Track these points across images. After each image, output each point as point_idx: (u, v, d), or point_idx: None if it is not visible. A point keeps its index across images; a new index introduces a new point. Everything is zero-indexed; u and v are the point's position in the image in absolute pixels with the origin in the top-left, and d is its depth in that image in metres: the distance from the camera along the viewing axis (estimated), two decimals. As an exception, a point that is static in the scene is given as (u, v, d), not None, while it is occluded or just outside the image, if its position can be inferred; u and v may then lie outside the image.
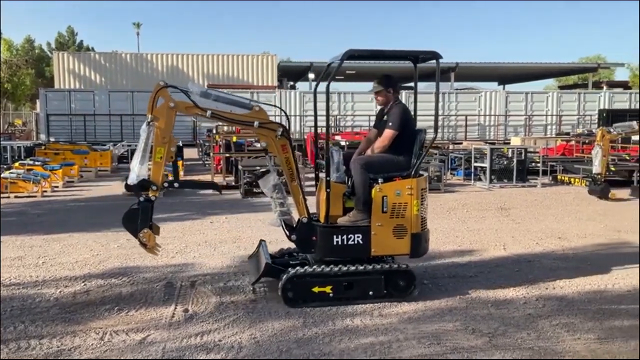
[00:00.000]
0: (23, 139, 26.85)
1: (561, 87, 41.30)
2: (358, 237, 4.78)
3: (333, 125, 23.18)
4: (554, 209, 10.05)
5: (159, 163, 4.59)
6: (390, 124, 5.00)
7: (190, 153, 19.83)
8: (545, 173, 14.39)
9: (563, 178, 14.06)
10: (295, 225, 4.94)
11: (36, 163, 13.09)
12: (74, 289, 5.22)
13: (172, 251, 6.61)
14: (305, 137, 19.46)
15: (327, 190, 4.76)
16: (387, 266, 4.84)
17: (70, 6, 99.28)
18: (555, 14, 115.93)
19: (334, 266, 4.76)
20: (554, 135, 23.58)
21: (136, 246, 6.31)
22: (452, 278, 5.62)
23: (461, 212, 9.66)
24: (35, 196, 11.25)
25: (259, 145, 14.35)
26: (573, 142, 18.11)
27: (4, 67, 33.00)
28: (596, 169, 11.14)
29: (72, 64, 31.35)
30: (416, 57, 5.31)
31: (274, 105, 6.91)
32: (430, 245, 5.18)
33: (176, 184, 4.92)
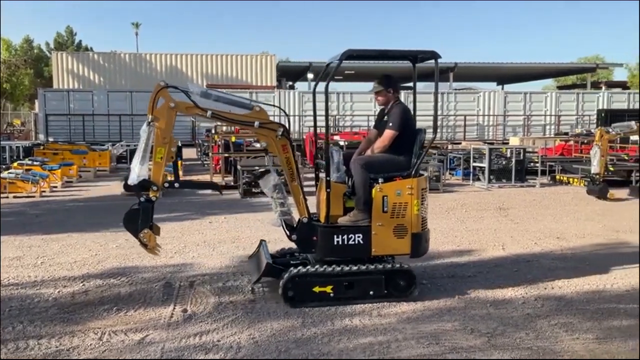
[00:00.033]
0: (22, 139, 26.80)
1: (560, 87, 41.31)
2: (358, 237, 4.78)
3: (332, 125, 23.16)
4: (553, 209, 10.06)
5: (159, 163, 4.59)
6: (391, 124, 5.01)
7: (188, 153, 19.80)
8: (543, 173, 14.40)
9: (562, 178, 14.07)
10: (295, 225, 4.95)
11: (35, 163, 13.07)
12: (72, 289, 5.22)
13: (170, 251, 6.60)
14: (304, 137, 19.45)
15: (328, 190, 4.76)
16: (390, 266, 4.85)
17: (69, 6, 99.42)
18: (554, 14, 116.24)
19: (335, 266, 4.77)
20: (552, 135, 23.59)
21: (135, 246, 6.32)
22: (450, 278, 5.63)
23: (460, 212, 9.66)
24: (34, 196, 11.24)
25: (257, 145, 14.36)
26: (572, 142, 18.11)
27: (3, 67, 32.94)
28: (595, 169, 11.15)
29: (71, 64, 31.29)
30: (415, 57, 5.31)
31: (274, 105, 6.90)
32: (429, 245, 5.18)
33: (176, 184, 4.92)
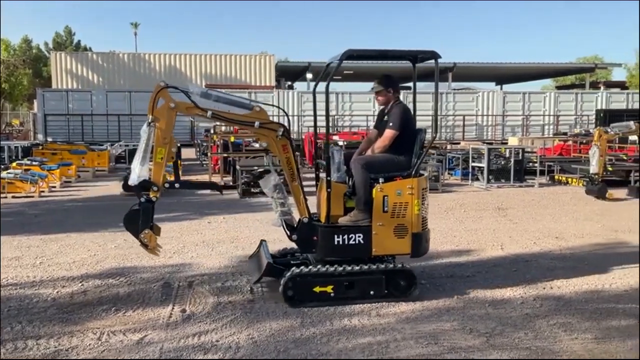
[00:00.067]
0: (20, 139, 26.76)
1: (558, 87, 41.30)
2: (359, 236, 4.78)
3: (332, 125, 23.16)
4: (552, 209, 10.06)
5: (159, 164, 4.59)
6: (391, 124, 5.01)
7: (187, 153, 19.78)
8: (542, 173, 14.41)
9: (560, 178, 14.08)
10: (296, 225, 4.95)
11: (34, 163, 13.05)
12: (71, 289, 5.21)
13: (169, 251, 6.60)
14: (303, 137, 19.45)
15: (328, 190, 4.77)
16: (392, 266, 4.85)
17: (68, 6, 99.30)
18: (554, 14, 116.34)
19: (338, 266, 4.77)
20: (551, 135, 23.60)
21: (133, 246, 6.32)
22: (449, 278, 5.63)
23: (459, 212, 9.67)
24: (33, 196, 11.23)
25: (256, 145, 14.37)
26: (570, 142, 18.13)
27: (2, 67, 32.89)
28: (593, 169, 11.16)
29: (70, 64, 31.23)
30: (415, 57, 5.31)
31: (274, 105, 6.90)
32: (428, 245, 5.18)
33: (177, 185, 4.91)
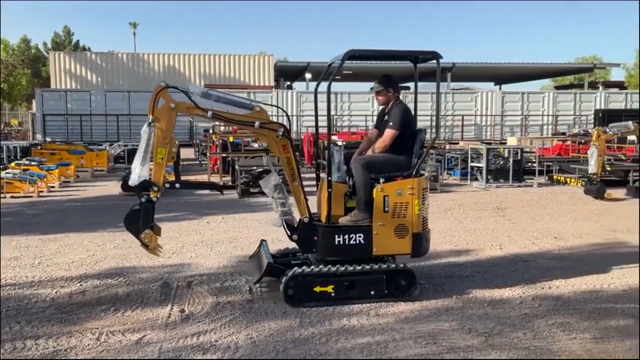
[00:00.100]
0: (19, 139, 26.70)
1: (557, 87, 41.37)
2: (359, 236, 4.78)
3: (332, 125, 23.15)
4: (550, 209, 10.07)
5: (160, 164, 4.59)
6: (391, 123, 5.01)
7: (186, 153, 19.79)
8: (541, 173, 14.42)
9: (559, 178, 14.09)
10: (296, 225, 4.95)
11: (32, 163, 13.05)
12: (70, 290, 5.21)
13: (168, 251, 6.59)
14: (302, 137, 19.44)
15: (329, 190, 4.77)
16: (394, 265, 4.86)
17: (67, 6, 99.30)
18: (554, 14, 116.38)
19: (340, 266, 4.77)
20: (550, 135, 23.63)
21: (132, 246, 6.32)
22: (448, 278, 5.64)
23: (458, 212, 9.67)
24: (32, 196, 11.22)
25: (255, 145, 14.37)
26: (569, 142, 18.14)
27: (1, 67, 32.86)
28: (592, 168, 11.17)
29: (68, 64, 31.21)
30: (416, 57, 5.32)
31: (275, 105, 6.90)
32: (428, 245, 5.18)
33: (177, 185, 4.90)
